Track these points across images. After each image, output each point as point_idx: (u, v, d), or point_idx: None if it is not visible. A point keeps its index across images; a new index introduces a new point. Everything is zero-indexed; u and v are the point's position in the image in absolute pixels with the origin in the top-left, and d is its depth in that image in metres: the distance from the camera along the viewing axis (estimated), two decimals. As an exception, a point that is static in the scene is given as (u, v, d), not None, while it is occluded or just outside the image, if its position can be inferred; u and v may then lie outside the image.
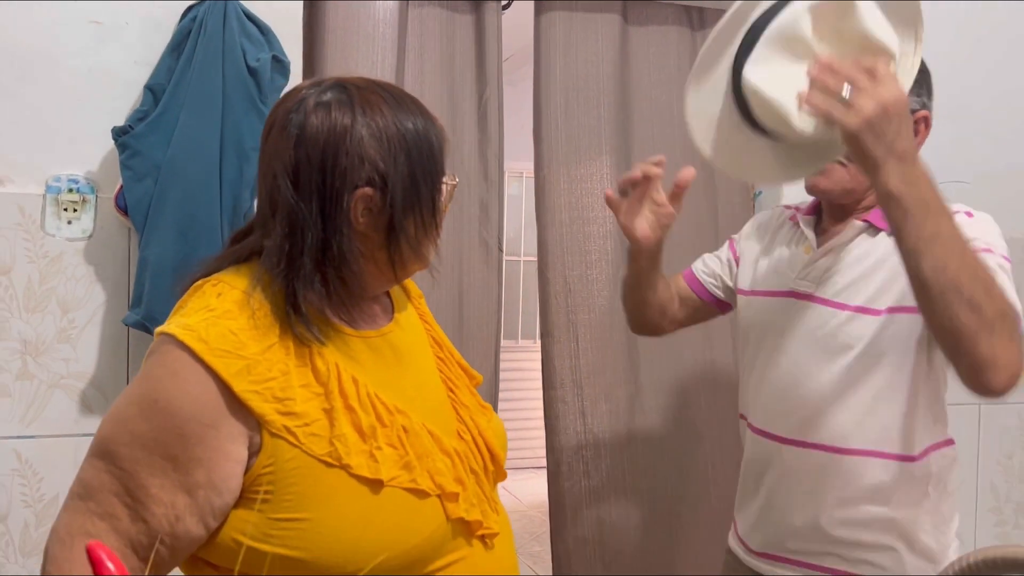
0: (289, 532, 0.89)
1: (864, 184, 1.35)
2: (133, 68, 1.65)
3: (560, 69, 2.01)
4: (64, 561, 0.87)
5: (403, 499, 0.93)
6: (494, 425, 1.10)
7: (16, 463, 1.61)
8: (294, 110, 0.96)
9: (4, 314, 1.60)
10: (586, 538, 1.97)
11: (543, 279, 2.04)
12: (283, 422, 0.90)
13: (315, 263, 0.95)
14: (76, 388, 1.64)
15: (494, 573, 1.01)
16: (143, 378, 0.91)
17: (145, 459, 0.87)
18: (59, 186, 1.62)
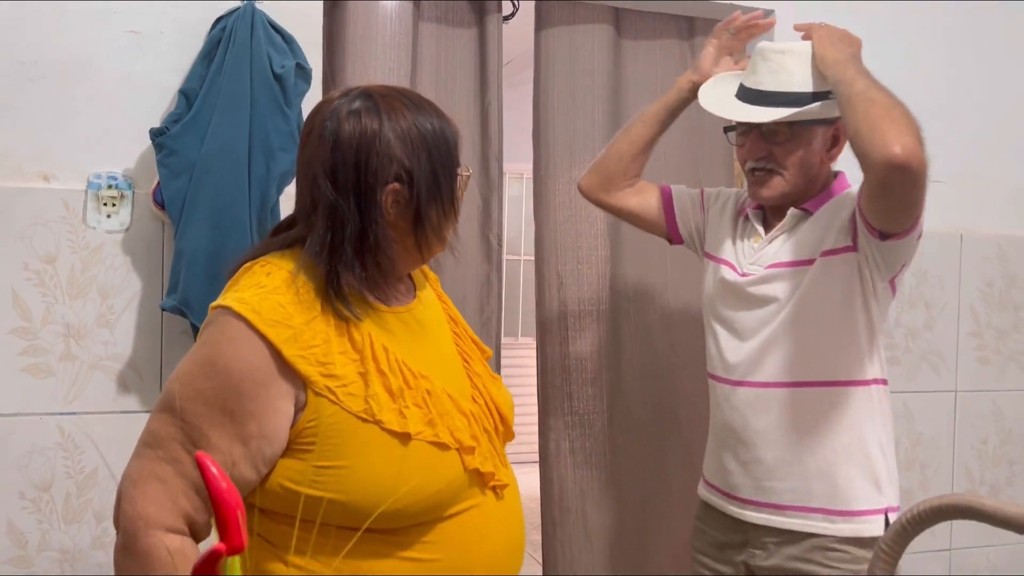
0: (330, 478, 1.03)
1: (799, 187, 1.56)
2: (168, 74, 1.79)
3: (558, 78, 2.16)
4: (138, 498, 1.01)
5: (427, 451, 1.07)
6: (503, 393, 1.24)
7: (59, 437, 1.75)
8: (329, 118, 1.11)
9: (49, 300, 1.74)
10: (570, 508, 2.14)
11: (539, 274, 2.19)
12: (325, 383, 1.04)
13: (354, 250, 1.09)
14: (114, 369, 1.78)
15: (504, 520, 1.15)
16: (203, 344, 1.05)
17: (206, 413, 1.02)
18: (99, 183, 1.76)
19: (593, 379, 2.16)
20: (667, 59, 2.25)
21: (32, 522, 1.73)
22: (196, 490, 1.02)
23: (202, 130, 1.70)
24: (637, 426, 2.18)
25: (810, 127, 1.55)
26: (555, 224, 2.17)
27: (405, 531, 1.07)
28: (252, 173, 1.72)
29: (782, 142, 1.55)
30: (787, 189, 1.57)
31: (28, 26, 1.72)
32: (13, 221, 1.72)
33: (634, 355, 2.19)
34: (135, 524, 1.01)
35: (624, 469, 2.17)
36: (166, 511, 1.01)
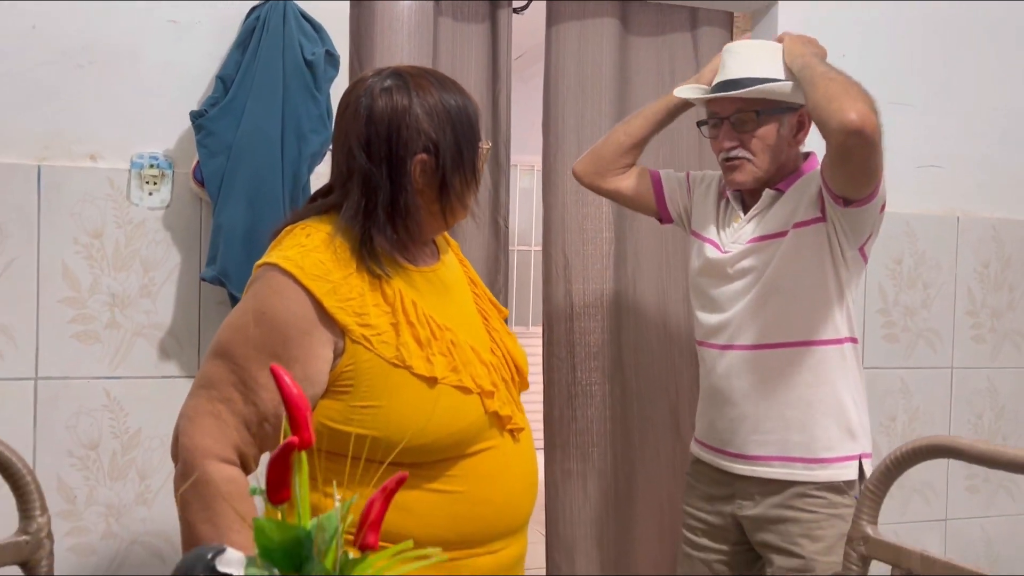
0: (365, 416, 1.15)
1: (770, 170, 1.69)
2: (205, 61, 1.92)
3: (567, 71, 2.28)
4: (194, 432, 1.13)
5: (452, 394, 1.18)
6: (518, 347, 1.36)
7: (105, 400, 1.88)
8: (363, 95, 1.22)
9: (96, 272, 1.87)
10: (571, 470, 2.29)
11: (546, 254, 2.32)
12: (361, 332, 1.16)
13: (386, 214, 1.21)
14: (155, 336, 1.91)
15: (519, 459, 1.26)
16: (252, 297, 1.17)
17: (255, 357, 1.13)
18: (142, 162, 1.89)
19: (596, 353, 2.30)
20: (671, 51, 2.37)
21: (80, 479, 1.86)
22: (246, 426, 1.13)
23: (238, 113, 1.82)
24: (635, 397, 2.33)
25: (776, 115, 1.68)
26: (562, 207, 2.30)
27: (431, 465, 1.18)
28: (284, 153, 1.84)
29: (751, 131, 1.67)
30: (758, 174, 1.69)
31: (77, 17, 1.84)
32: (63, 198, 1.85)
33: (632, 330, 2.34)
34: (192, 455, 1.12)
35: (620, 436, 2.32)
36: (220, 443, 1.13)
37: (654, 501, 2.33)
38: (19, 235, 1.82)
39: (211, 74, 1.90)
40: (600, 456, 2.30)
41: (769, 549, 1.68)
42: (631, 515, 2.32)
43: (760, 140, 1.68)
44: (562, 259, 2.29)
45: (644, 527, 2.33)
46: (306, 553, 0.73)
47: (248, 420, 1.14)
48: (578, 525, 2.28)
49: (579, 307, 2.30)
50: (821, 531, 1.63)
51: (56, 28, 1.83)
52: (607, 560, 2.31)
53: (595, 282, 2.30)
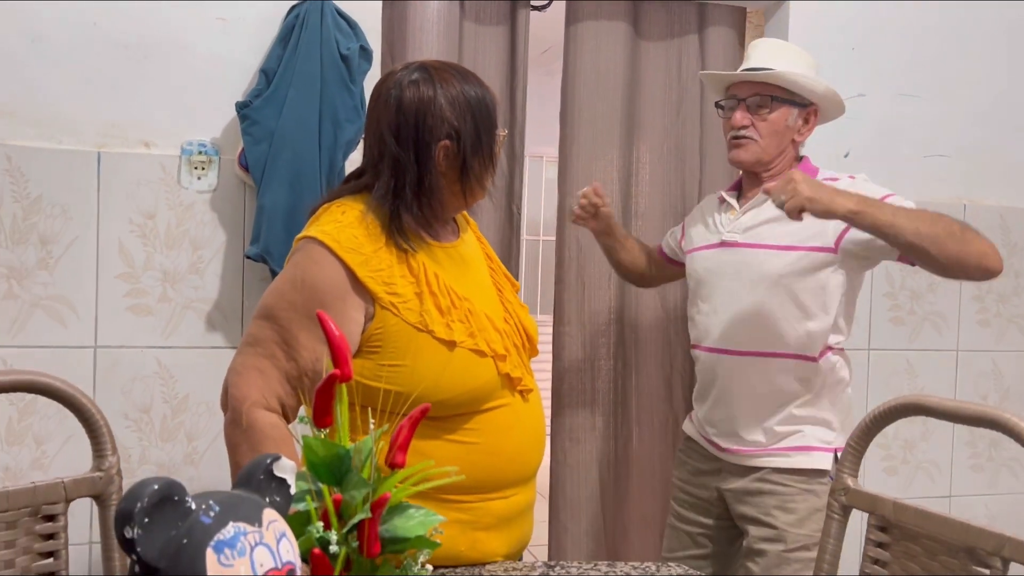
0: (391, 373, 1.29)
1: (771, 155, 1.83)
2: (249, 55, 2.07)
3: (583, 69, 2.43)
4: (241, 384, 1.28)
5: (468, 356, 1.32)
6: (529, 318, 1.50)
7: (157, 367, 2.05)
8: (393, 87, 1.36)
9: (149, 250, 2.03)
10: (579, 439, 2.47)
11: (560, 239, 2.47)
12: (389, 299, 1.30)
13: (412, 194, 1.35)
14: (203, 310, 2.07)
15: (529, 417, 1.40)
16: (294, 266, 1.32)
17: (296, 319, 1.28)
18: (191, 149, 2.05)
19: (603, 330, 2.46)
20: (680, 52, 2.51)
21: (134, 439, 2.03)
22: (287, 379, 1.28)
23: (280, 104, 1.97)
24: (633, 369, 2.50)
25: (789, 105, 1.83)
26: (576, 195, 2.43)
27: (450, 419, 1.32)
28: (322, 141, 1.99)
29: (764, 115, 1.82)
30: (760, 155, 1.84)
31: (134, 15, 2.00)
32: (120, 182, 2.01)
33: (633, 309, 2.50)
34: (241, 403, 1.27)
35: (620, 405, 2.50)
36: (264, 394, 1.28)
37: (647, 464, 2.50)
38: (81, 216, 1.99)
39: (255, 67, 2.06)
40: (603, 423, 2.47)
41: (746, 520, 1.81)
42: (628, 476, 2.50)
43: (770, 124, 1.82)
44: (575, 244, 2.44)
45: (639, 486, 2.50)
46: (346, 468, 0.87)
47: (289, 374, 1.28)
48: (583, 489, 2.45)
49: (588, 289, 2.46)
50: (794, 504, 1.76)
51: (115, 25, 1.99)
52: (608, 517, 2.48)
53: (603, 266, 2.44)
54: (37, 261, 1.97)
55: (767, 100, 1.82)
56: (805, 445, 1.79)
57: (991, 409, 1.21)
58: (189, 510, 0.72)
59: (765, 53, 1.86)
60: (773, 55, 1.85)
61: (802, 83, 1.80)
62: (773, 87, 1.82)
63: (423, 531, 0.89)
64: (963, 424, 1.26)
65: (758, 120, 1.82)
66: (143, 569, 0.71)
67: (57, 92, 1.97)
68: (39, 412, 1.97)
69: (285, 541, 0.75)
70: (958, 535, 1.20)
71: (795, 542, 1.74)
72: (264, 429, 1.26)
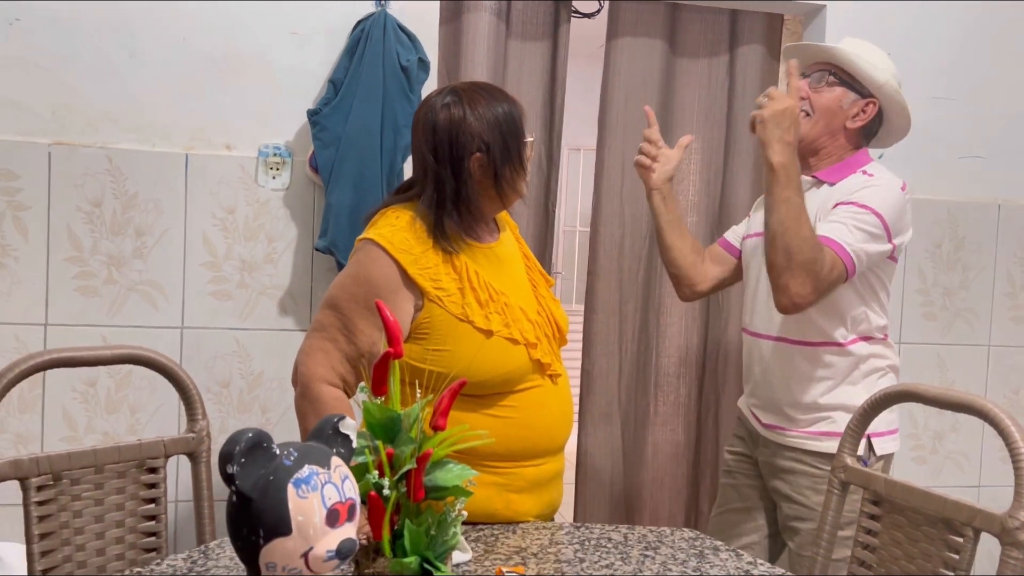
0: (437, 356, 1.49)
1: (819, 132, 1.86)
2: (319, 66, 2.29)
3: (619, 81, 2.61)
4: (309, 363, 1.49)
5: (504, 344, 1.51)
6: (561, 311, 1.68)
7: (235, 347, 2.29)
8: (429, 111, 1.56)
9: (229, 241, 2.27)
10: (607, 412, 2.67)
11: (594, 232, 2.65)
12: (436, 293, 1.49)
13: (452, 203, 1.54)
14: (276, 296, 2.30)
15: (557, 398, 1.59)
16: (355, 264, 1.52)
17: (356, 309, 1.48)
18: (267, 151, 2.28)
19: (631, 317, 2.66)
20: (710, 70, 2.67)
21: (214, 411, 2.28)
22: (348, 360, 1.49)
23: (346, 111, 2.18)
24: (654, 352, 2.69)
25: (847, 87, 1.85)
26: (610, 192, 2.64)
27: (488, 397, 1.52)
28: (383, 145, 2.19)
29: (821, 91, 1.85)
30: (810, 131, 1.85)
31: (218, 30, 2.23)
32: (204, 180, 2.25)
33: (659, 299, 2.69)
34: (309, 379, 1.49)
35: (640, 383, 2.69)
36: (329, 372, 1.49)
37: (664, 437, 2.71)
38: (170, 210, 2.24)
39: (324, 77, 2.27)
40: (627, 400, 2.69)
41: (779, 495, 1.90)
42: (646, 449, 2.71)
43: (823, 100, 1.85)
44: (608, 233, 2.64)
45: (656, 458, 2.72)
46: (397, 428, 1.07)
47: (350, 356, 1.49)
48: (606, 455, 2.68)
49: (622, 280, 2.65)
50: (825, 485, 1.80)
51: (202, 40, 2.23)
52: (630, 486, 2.71)
53: (633, 259, 2.65)
54: (133, 250, 2.22)
55: (825, 76, 1.86)
56: (836, 431, 1.81)
57: (975, 397, 1.35)
58: (274, 454, 0.92)
59: (849, 43, 1.89)
60: (855, 45, 1.88)
61: (859, 65, 1.83)
62: (836, 67, 1.86)
63: (459, 482, 1.08)
64: (949, 411, 1.40)
65: (814, 94, 1.85)
66: (239, 498, 0.91)
67: (152, 101, 2.22)
68: (134, 384, 2.23)
69: (348, 482, 0.95)
70: (937, 508, 1.34)
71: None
72: (328, 402, 1.47)
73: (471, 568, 1.30)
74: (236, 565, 1.27)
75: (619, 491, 2.70)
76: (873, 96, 1.87)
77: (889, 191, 1.78)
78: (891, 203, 1.76)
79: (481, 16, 2.45)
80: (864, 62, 1.84)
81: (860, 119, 1.87)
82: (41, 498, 1.35)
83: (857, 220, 1.72)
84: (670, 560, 1.36)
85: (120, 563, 1.44)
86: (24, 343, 2.16)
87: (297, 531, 0.89)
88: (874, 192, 1.76)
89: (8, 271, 2.15)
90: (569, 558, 1.36)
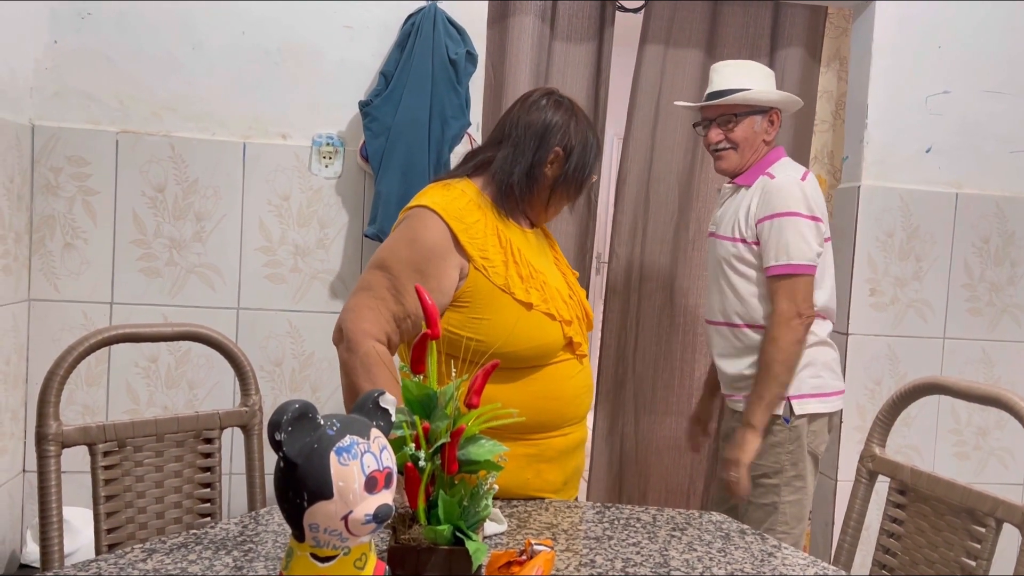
0: (476, 325, 1.55)
1: (747, 158, 2.12)
2: (371, 59, 2.37)
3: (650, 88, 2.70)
4: (357, 320, 1.53)
5: (541, 318, 1.57)
6: (586, 299, 1.74)
7: (288, 328, 2.39)
8: (542, 97, 1.67)
9: (284, 227, 2.37)
10: (625, 379, 2.76)
11: (617, 219, 2.70)
12: (482, 262, 1.56)
13: (519, 176, 1.61)
14: (327, 280, 2.40)
15: (582, 374, 1.66)
16: (406, 227, 1.58)
17: (404, 270, 1.55)
18: (320, 141, 2.37)
19: (652, 293, 2.75)
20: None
21: (267, 388, 2.38)
22: (394, 319, 1.54)
23: (396, 102, 2.26)
24: (678, 328, 2.78)
25: (752, 115, 2.10)
26: (637, 178, 2.71)
27: (520, 371, 1.58)
28: (431, 135, 2.27)
29: (732, 128, 2.10)
30: (740, 161, 2.13)
31: (275, 24, 2.33)
32: (260, 168, 2.35)
33: (677, 281, 2.78)
34: (356, 335, 1.53)
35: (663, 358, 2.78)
36: (376, 328, 1.54)
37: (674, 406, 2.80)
38: (228, 196, 2.34)
39: (376, 69, 2.35)
40: (644, 370, 2.78)
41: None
42: (659, 417, 2.80)
43: (740, 134, 2.10)
44: (630, 221, 2.70)
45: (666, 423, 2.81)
46: (433, 405, 1.14)
47: (396, 315, 1.55)
48: (626, 425, 2.78)
49: (641, 259, 2.74)
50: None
51: (260, 34, 2.33)
52: (640, 457, 2.80)
53: (655, 243, 2.72)
54: (193, 234, 2.33)
55: (731, 117, 2.10)
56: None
57: (1001, 391, 1.37)
58: (318, 424, 1.00)
59: (722, 76, 2.13)
60: (731, 76, 2.12)
61: (756, 97, 2.07)
62: (734, 105, 2.09)
63: (491, 456, 1.15)
64: (975, 403, 1.42)
65: (729, 133, 2.11)
66: (286, 464, 0.99)
67: (211, 91, 2.32)
68: (192, 361, 2.35)
69: (386, 452, 1.02)
70: (961, 498, 1.37)
71: (755, 470, 2.05)
72: (373, 356, 1.51)
73: (503, 540, 1.37)
74: (284, 530, 1.36)
75: (631, 468, 2.81)
76: (774, 106, 2.11)
77: (794, 188, 2.02)
78: (797, 197, 2.00)
79: (526, 19, 2.52)
80: (757, 95, 2.07)
81: (773, 130, 2.14)
82: (107, 463, 1.45)
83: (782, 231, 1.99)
84: (696, 541, 1.41)
85: (178, 526, 1.54)
86: (91, 320, 2.29)
87: (338, 495, 0.96)
88: (784, 195, 2.01)
89: (78, 252, 2.28)
90: (598, 535, 1.42)
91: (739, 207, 2.08)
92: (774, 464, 2.04)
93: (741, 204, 2.08)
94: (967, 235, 2.68)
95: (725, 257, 2.09)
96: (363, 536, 0.98)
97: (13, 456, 2.21)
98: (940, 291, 2.68)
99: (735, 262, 2.07)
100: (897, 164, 2.63)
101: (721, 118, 2.11)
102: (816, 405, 2.06)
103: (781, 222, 1.99)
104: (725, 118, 2.10)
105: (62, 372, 1.39)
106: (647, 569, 1.27)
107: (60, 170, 2.26)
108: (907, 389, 1.52)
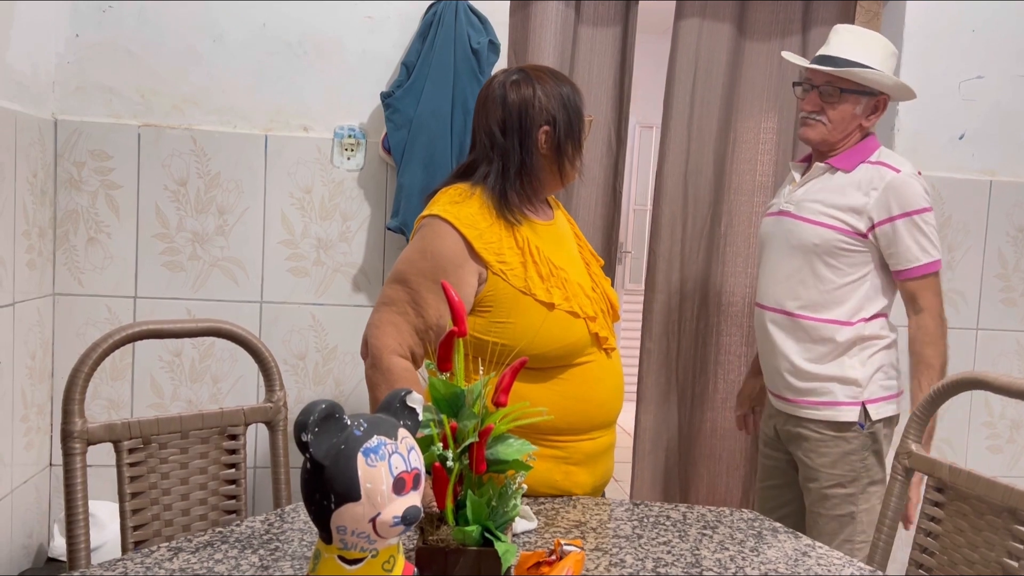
0: (500, 328, 1.53)
1: (836, 137, 1.95)
2: (392, 50, 2.34)
3: (686, 64, 2.62)
4: (380, 335, 1.54)
5: (564, 317, 1.55)
6: (612, 288, 1.72)
7: (311, 321, 2.38)
8: (497, 88, 1.61)
9: (306, 220, 2.36)
10: (663, 366, 2.71)
11: (656, 212, 2.66)
12: (499, 267, 1.54)
13: (517, 175, 1.58)
14: (350, 273, 2.38)
15: (612, 371, 1.62)
16: (420, 239, 1.57)
17: (423, 282, 1.53)
18: (342, 133, 2.35)
19: (689, 296, 2.69)
20: (782, 48, 2.62)
21: (291, 382, 2.38)
22: (416, 332, 1.54)
23: (418, 94, 2.24)
24: (714, 329, 2.72)
25: (857, 95, 1.95)
26: (673, 175, 2.65)
27: (548, 371, 1.56)
28: (453, 127, 2.24)
29: (832, 102, 1.96)
30: (826, 136, 1.98)
31: (296, 16, 2.31)
32: (282, 161, 2.34)
33: (720, 278, 2.71)
34: (379, 351, 1.54)
35: (700, 359, 2.72)
36: (398, 343, 1.54)
37: (721, 414, 2.73)
38: (250, 189, 2.33)
39: (397, 61, 2.33)
40: (683, 375, 2.72)
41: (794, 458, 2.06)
42: (702, 425, 2.74)
43: (838, 112, 1.96)
44: (669, 211, 2.65)
45: (711, 433, 2.75)
46: (461, 403, 1.12)
47: (418, 328, 1.54)
48: (663, 433, 2.73)
49: (681, 253, 2.68)
50: (827, 448, 1.97)
51: (280, 26, 2.31)
52: (684, 458, 2.75)
53: (694, 239, 2.66)
54: (215, 228, 2.32)
55: (836, 90, 1.95)
56: (834, 401, 1.96)
57: (1045, 386, 1.33)
58: (346, 424, 0.98)
59: (841, 41, 1.97)
60: (851, 44, 1.96)
61: (871, 78, 1.92)
62: (843, 79, 1.94)
63: (519, 456, 1.12)
64: (1017, 399, 1.37)
65: (828, 107, 1.96)
66: (313, 465, 0.97)
67: (232, 84, 2.31)
68: (215, 356, 2.35)
69: (414, 453, 1.00)
70: (1002, 497, 1.33)
71: (829, 480, 1.96)
72: (399, 372, 1.52)
73: (532, 539, 1.34)
74: (310, 528, 1.34)
75: (675, 469, 2.74)
76: (883, 93, 1.96)
77: (917, 183, 1.93)
78: (923, 193, 1.93)
79: (550, 3, 2.47)
80: (870, 74, 1.92)
81: (875, 117, 1.99)
82: (132, 460, 1.45)
83: (921, 229, 1.91)
84: (727, 540, 1.38)
85: (203, 523, 1.53)
86: (115, 314, 2.29)
87: (366, 497, 0.94)
88: (913, 191, 1.91)
89: (101, 247, 2.28)
90: (627, 534, 1.39)
91: (837, 193, 1.94)
92: (849, 472, 1.94)
93: (843, 190, 1.94)
94: (1001, 224, 2.62)
95: (814, 242, 1.94)
96: (391, 538, 0.96)
97: (40, 451, 2.22)
98: (973, 281, 2.62)
99: (832, 249, 1.93)
100: (929, 151, 2.58)
101: (827, 87, 1.95)
102: (890, 407, 1.99)
103: (923, 218, 1.90)
104: (830, 89, 1.95)
105: (86, 369, 1.38)
106: (679, 569, 1.25)
107: (83, 164, 2.26)
108: (946, 384, 1.48)
